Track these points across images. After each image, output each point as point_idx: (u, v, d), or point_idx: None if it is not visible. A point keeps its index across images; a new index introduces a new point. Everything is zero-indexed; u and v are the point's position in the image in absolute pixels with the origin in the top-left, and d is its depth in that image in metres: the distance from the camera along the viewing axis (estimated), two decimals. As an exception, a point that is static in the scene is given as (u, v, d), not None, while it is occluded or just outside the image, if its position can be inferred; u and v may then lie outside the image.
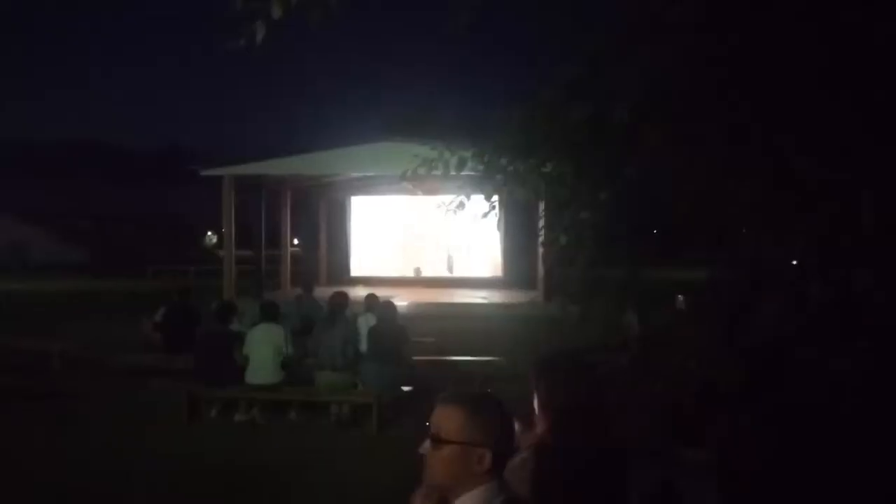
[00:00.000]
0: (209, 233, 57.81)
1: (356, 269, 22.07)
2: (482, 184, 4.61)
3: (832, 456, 3.06)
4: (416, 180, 4.80)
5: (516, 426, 2.13)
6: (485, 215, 4.78)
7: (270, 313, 7.01)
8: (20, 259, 41.06)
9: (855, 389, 3.32)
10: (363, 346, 7.06)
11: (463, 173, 4.70)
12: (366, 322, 7.45)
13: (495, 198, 4.85)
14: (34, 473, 5.28)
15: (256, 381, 6.63)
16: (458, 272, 21.49)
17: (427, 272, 21.68)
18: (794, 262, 4.05)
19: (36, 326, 12.62)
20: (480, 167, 4.55)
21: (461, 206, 4.79)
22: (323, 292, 11.95)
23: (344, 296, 7.27)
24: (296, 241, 25.71)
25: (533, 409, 2.15)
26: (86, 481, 5.11)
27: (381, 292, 9.46)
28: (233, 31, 2.71)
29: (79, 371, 8.41)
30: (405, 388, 6.81)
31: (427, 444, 1.66)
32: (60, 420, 6.74)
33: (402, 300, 13.65)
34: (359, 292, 11.45)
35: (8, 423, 6.65)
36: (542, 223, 5.21)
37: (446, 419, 1.64)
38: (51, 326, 12.53)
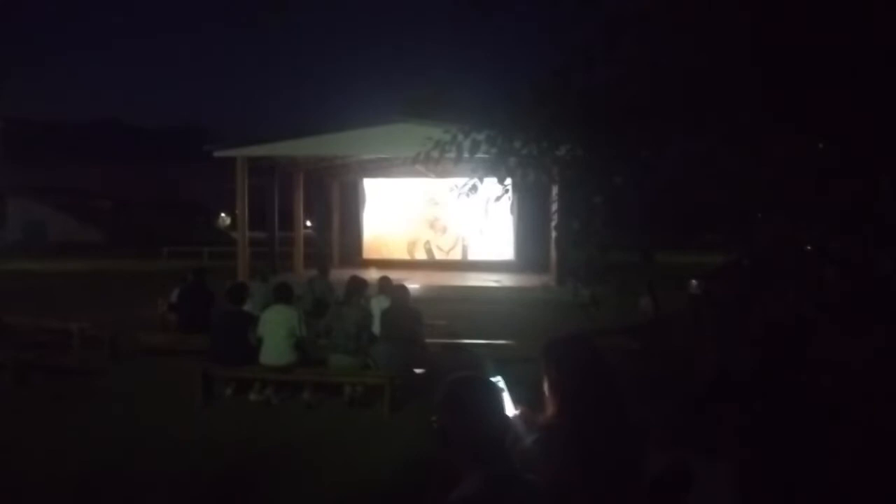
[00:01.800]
0: (223, 214, 58.12)
1: (368, 252, 22.13)
2: (495, 167, 4.59)
3: (844, 444, 3.05)
4: (429, 163, 4.78)
5: (519, 410, 2.14)
6: (498, 199, 4.76)
7: (284, 295, 7.06)
8: (39, 238, 41.53)
9: (873, 376, 3.30)
10: (376, 329, 7.10)
11: (476, 156, 4.67)
12: (379, 304, 7.49)
13: (508, 181, 4.82)
14: (51, 449, 5.38)
15: (270, 361, 6.70)
16: (471, 255, 21.49)
17: (439, 255, 21.70)
18: (810, 248, 4.02)
19: (54, 305, 12.80)
20: (494, 150, 4.53)
21: (474, 189, 4.78)
22: (336, 275, 12.01)
23: (362, 280, 7.30)
24: (308, 223, 25.80)
25: (543, 391, 2.15)
26: (102, 457, 5.21)
27: (394, 275, 9.50)
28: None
29: (96, 350, 8.53)
30: (417, 371, 6.84)
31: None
32: (78, 397, 6.86)
33: (414, 283, 13.69)
34: (371, 274, 11.49)
35: (28, 400, 6.78)
36: (555, 207, 5.19)
37: None
38: (68, 305, 12.70)
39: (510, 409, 2.03)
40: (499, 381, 1.98)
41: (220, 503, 4.67)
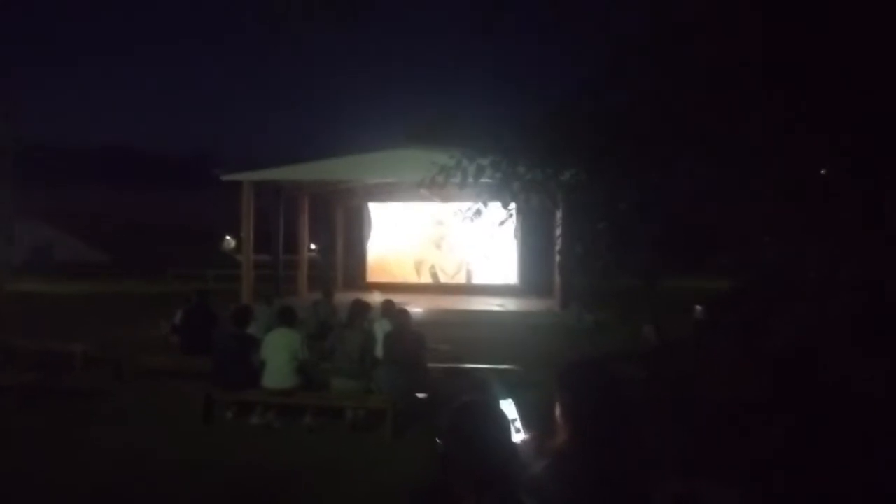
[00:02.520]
0: (227, 237, 58.29)
1: (372, 275, 22.13)
2: (500, 191, 4.61)
3: (856, 469, 3.01)
4: (434, 187, 4.81)
5: (528, 435, 2.11)
6: (502, 223, 4.77)
7: (287, 318, 7.05)
8: (46, 260, 41.70)
9: (885, 400, 3.27)
10: (379, 352, 7.08)
11: (481, 181, 4.69)
12: (381, 328, 7.47)
13: (512, 205, 4.84)
14: (54, 469, 5.35)
15: (272, 384, 6.67)
16: (475, 279, 21.47)
17: (443, 279, 21.68)
18: (816, 273, 4.01)
19: (58, 326, 12.80)
20: (498, 175, 4.55)
21: (479, 213, 4.79)
22: (339, 298, 12.00)
23: (365, 304, 7.29)
24: (313, 247, 25.85)
25: (555, 417, 2.13)
26: (104, 479, 5.17)
27: (397, 298, 9.49)
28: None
29: (99, 371, 8.51)
30: (420, 395, 6.80)
31: None
32: (81, 419, 6.83)
33: (417, 307, 13.66)
34: (374, 298, 11.48)
35: (31, 420, 6.75)
36: (559, 231, 5.19)
37: None
38: (73, 327, 12.70)
39: (520, 434, 2.01)
40: (509, 404, 1.97)
41: (219, 528, 4.62)
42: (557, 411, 2.11)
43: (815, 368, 3.55)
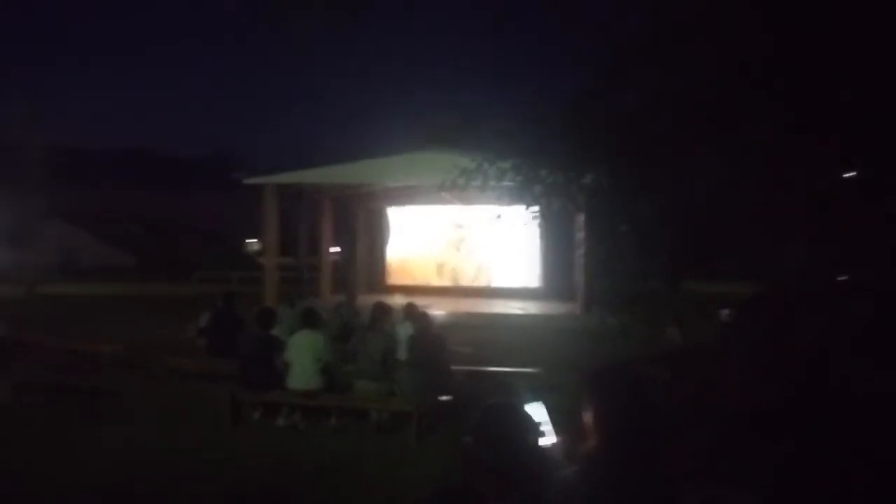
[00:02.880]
0: (251, 240, 58.82)
1: (394, 278, 22.21)
2: (521, 194, 4.63)
3: (879, 478, 2.99)
4: (454, 190, 4.84)
5: (559, 438, 2.11)
6: (524, 226, 4.79)
7: (311, 320, 7.13)
8: (72, 262, 42.43)
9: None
10: (401, 355, 7.13)
11: (502, 184, 4.71)
12: (404, 331, 7.52)
13: (534, 208, 4.85)
14: (81, 469, 5.47)
15: (297, 386, 6.75)
16: (496, 282, 21.45)
17: (464, 282, 21.69)
18: (842, 278, 3.98)
19: (86, 328, 13.04)
20: (519, 178, 4.57)
21: (500, 216, 4.81)
22: (361, 300, 12.08)
23: (387, 306, 7.35)
24: (334, 249, 26.03)
25: (583, 422, 2.12)
26: (131, 479, 5.28)
27: (418, 301, 9.53)
28: None
29: (126, 373, 8.66)
30: (443, 398, 6.84)
31: None
32: (108, 420, 6.96)
33: (438, 310, 13.69)
34: (396, 300, 11.54)
35: (58, 422, 6.90)
36: (581, 235, 5.20)
37: None
38: (100, 328, 12.93)
39: (549, 437, 2.00)
40: (539, 407, 1.97)
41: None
42: (586, 416, 2.11)
43: (838, 374, 3.52)
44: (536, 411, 1.95)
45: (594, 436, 2.05)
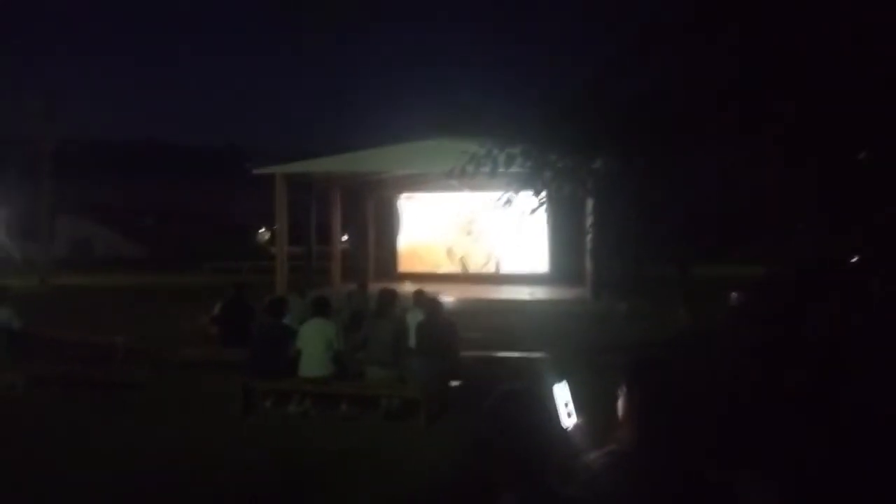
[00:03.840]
0: (262, 229, 59.05)
1: (404, 265, 22.24)
2: (531, 180, 4.60)
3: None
4: (464, 177, 4.82)
5: (580, 420, 2.07)
6: (533, 211, 4.76)
7: (322, 309, 7.16)
8: (85, 254, 42.79)
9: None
10: (412, 342, 7.15)
11: (511, 170, 4.69)
12: (414, 318, 7.54)
13: (543, 194, 4.83)
14: (95, 459, 5.53)
15: (308, 373, 6.79)
16: (505, 268, 21.43)
17: (473, 268, 21.69)
18: (854, 259, 3.93)
19: (99, 319, 13.16)
20: (529, 163, 4.55)
21: (509, 201, 4.79)
22: (372, 288, 12.11)
23: (392, 292, 7.37)
24: (345, 238, 26.07)
25: (616, 409, 2.07)
26: (146, 468, 5.34)
27: (428, 288, 9.54)
28: None
29: (140, 363, 8.74)
30: (453, 383, 6.85)
31: None
32: (122, 409, 7.04)
33: (448, 296, 13.69)
34: (406, 288, 11.54)
35: (73, 412, 6.98)
36: (590, 220, 5.17)
37: None
38: (113, 320, 13.04)
39: (571, 419, 1.96)
40: (563, 387, 1.93)
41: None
42: (621, 406, 2.05)
43: (850, 357, 3.49)
44: (560, 391, 1.91)
45: (628, 424, 2.01)
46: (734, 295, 7.66)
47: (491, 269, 21.57)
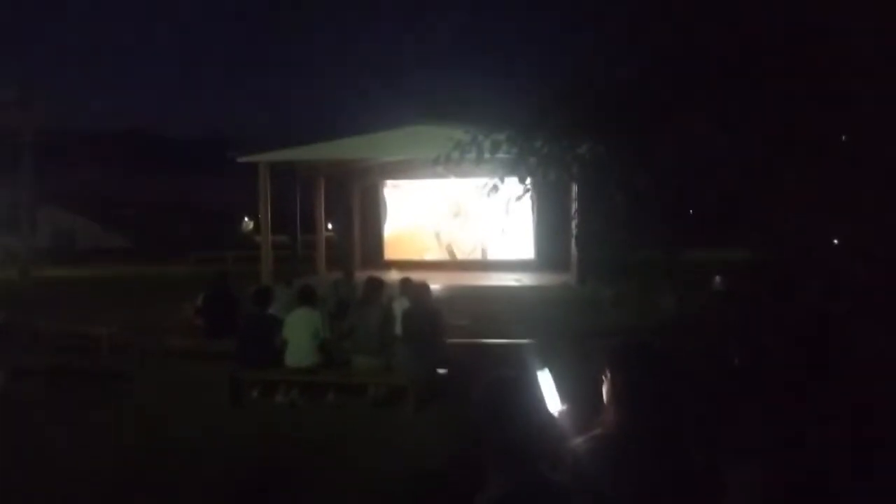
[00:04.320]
0: (246, 219, 58.69)
1: (390, 253, 22.21)
2: (516, 166, 4.58)
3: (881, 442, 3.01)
4: (449, 164, 4.79)
5: (565, 407, 2.07)
6: (519, 198, 4.74)
7: (308, 298, 7.13)
8: (67, 246, 42.32)
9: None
10: (398, 330, 7.14)
11: (497, 156, 4.66)
12: (400, 306, 7.52)
13: (529, 180, 4.81)
14: (82, 452, 5.49)
15: (295, 363, 6.77)
16: (491, 255, 21.46)
17: (460, 255, 21.71)
18: (836, 242, 3.97)
19: (83, 310, 13.03)
20: (514, 150, 4.53)
21: (495, 188, 4.78)
22: (358, 276, 12.08)
23: (379, 281, 7.35)
24: (330, 226, 25.96)
25: (600, 393, 2.07)
26: (132, 460, 5.31)
27: (415, 276, 9.52)
28: None
29: (125, 354, 8.67)
30: (440, 371, 6.87)
31: None
32: (107, 401, 6.98)
33: (435, 283, 13.67)
34: (392, 276, 11.52)
35: (58, 404, 6.92)
36: (575, 206, 5.17)
37: None
38: (97, 311, 12.92)
39: (556, 405, 1.97)
40: (545, 374, 1.94)
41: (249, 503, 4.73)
42: (606, 389, 2.05)
43: (837, 340, 3.53)
44: (543, 379, 1.92)
45: (612, 408, 2.02)
46: (717, 279, 7.72)
47: (477, 255, 21.59)
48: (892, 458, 2.94)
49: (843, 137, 3.75)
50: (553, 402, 1.94)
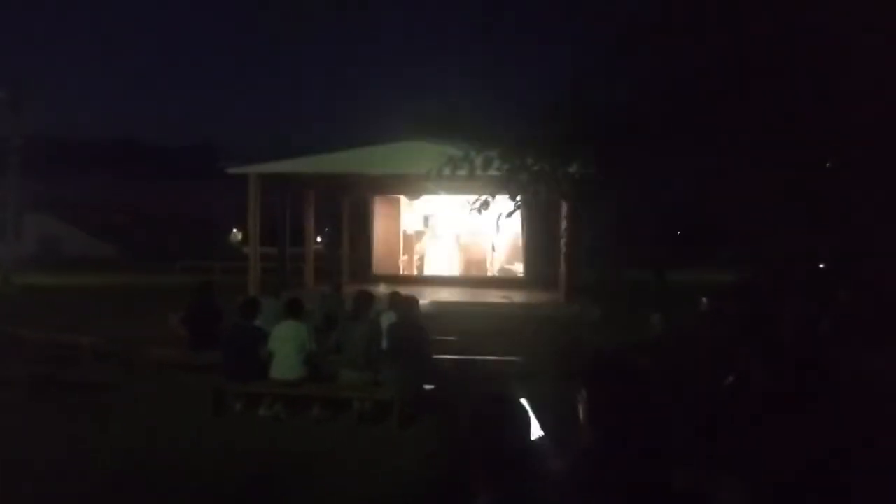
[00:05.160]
0: (234, 230, 58.47)
1: (378, 268, 22.17)
2: (507, 183, 4.60)
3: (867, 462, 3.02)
4: (441, 180, 4.81)
5: (544, 433, 2.06)
6: (509, 214, 4.76)
7: (295, 310, 7.08)
8: (53, 253, 41.94)
9: (888, 391, 3.26)
10: (385, 344, 7.10)
11: (488, 173, 4.68)
12: (388, 320, 7.49)
13: (519, 197, 4.83)
14: (64, 463, 5.40)
15: (280, 376, 6.71)
16: (480, 272, 21.49)
17: (449, 271, 21.71)
18: (822, 266, 4.00)
19: (67, 319, 12.88)
20: (506, 166, 4.55)
21: (486, 205, 4.79)
22: (346, 290, 12.03)
23: (369, 295, 7.32)
24: (319, 239, 25.90)
25: (576, 413, 2.05)
26: (113, 471, 5.23)
27: (403, 290, 9.50)
28: None
29: (108, 364, 8.57)
30: (427, 387, 6.83)
31: None
32: (90, 412, 6.88)
33: (423, 299, 13.66)
34: (380, 290, 11.49)
35: (41, 414, 6.81)
36: (564, 223, 5.19)
37: None
38: (81, 320, 12.78)
39: (535, 431, 1.97)
40: (523, 402, 1.94)
41: (229, 518, 4.67)
42: (581, 408, 2.01)
43: (822, 361, 3.55)
44: (528, 400, 1.92)
45: (589, 427, 2.00)
46: (704, 300, 7.78)
47: (466, 272, 21.61)
48: (875, 475, 2.95)
49: (828, 164, 3.80)
50: (538, 421, 1.94)
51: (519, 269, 21.19)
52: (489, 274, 21.26)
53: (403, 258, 22.19)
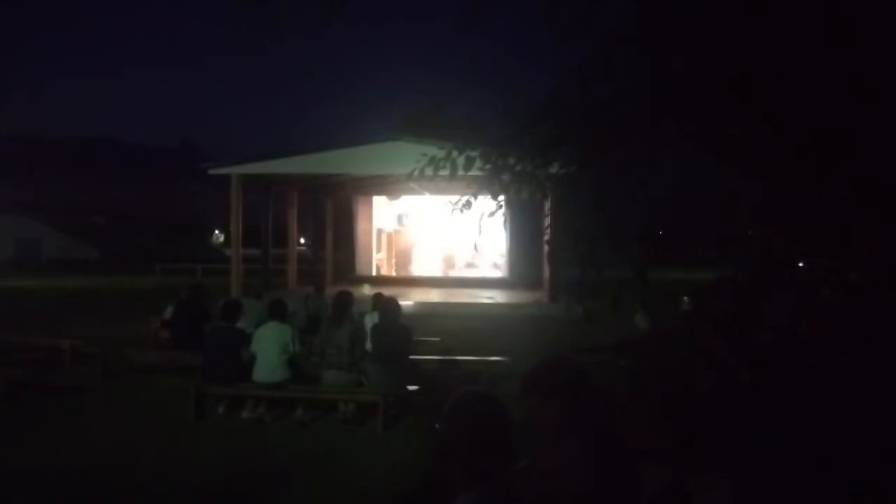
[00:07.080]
0: (216, 231, 58.02)
1: (361, 269, 22.12)
2: (489, 183, 4.60)
3: (844, 459, 3.05)
4: (423, 180, 4.79)
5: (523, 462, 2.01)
6: (492, 214, 4.77)
7: (278, 312, 7.03)
8: (32, 255, 41.36)
9: (868, 392, 3.30)
10: (369, 345, 7.08)
11: (470, 173, 4.69)
12: (371, 321, 7.47)
13: (502, 197, 4.84)
14: (42, 467, 5.32)
15: (263, 378, 6.66)
16: (464, 272, 21.52)
17: (432, 272, 21.71)
18: (802, 264, 4.04)
19: (47, 322, 12.71)
20: (488, 166, 4.55)
21: (468, 205, 4.79)
22: (329, 291, 12.00)
23: (349, 295, 7.29)
24: (302, 240, 25.76)
25: (544, 434, 1.99)
26: (93, 475, 5.16)
27: (387, 292, 9.49)
28: None
29: (89, 367, 8.46)
30: (411, 388, 6.82)
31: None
32: (70, 415, 6.79)
33: (407, 300, 13.65)
34: (364, 291, 11.46)
35: (19, 418, 6.71)
36: (547, 223, 5.20)
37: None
38: (61, 322, 12.61)
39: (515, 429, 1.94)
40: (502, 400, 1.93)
41: (211, 522, 4.62)
42: (548, 426, 1.89)
43: (803, 359, 3.58)
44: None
45: (564, 444, 1.97)
46: (685, 299, 7.85)
47: (451, 272, 21.62)
48: (858, 476, 2.98)
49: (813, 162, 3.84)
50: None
51: (503, 269, 21.23)
52: (473, 275, 21.28)
53: (383, 257, 22.15)
